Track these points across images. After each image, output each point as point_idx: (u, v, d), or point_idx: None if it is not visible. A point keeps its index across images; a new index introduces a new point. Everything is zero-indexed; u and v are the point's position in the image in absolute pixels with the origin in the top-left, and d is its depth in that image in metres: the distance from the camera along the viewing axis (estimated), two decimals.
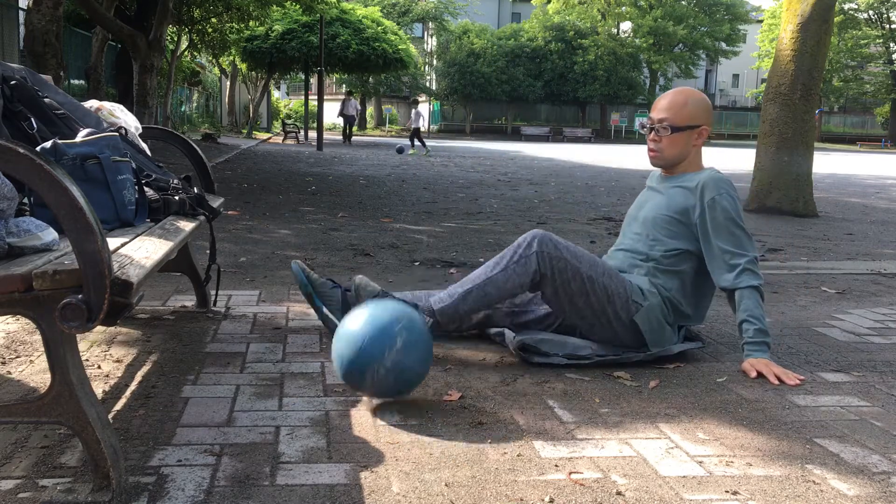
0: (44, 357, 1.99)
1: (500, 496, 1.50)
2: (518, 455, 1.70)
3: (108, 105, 2.73)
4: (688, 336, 2.57)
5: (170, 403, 1.94)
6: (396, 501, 1.47)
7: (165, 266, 2.72)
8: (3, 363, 2.23)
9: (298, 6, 16.96)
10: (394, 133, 42.51)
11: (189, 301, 3.03)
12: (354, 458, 1.65)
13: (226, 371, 2.22)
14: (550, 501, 1.49)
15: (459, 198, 8.25)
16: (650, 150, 2.54)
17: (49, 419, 1.41)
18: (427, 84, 45.93)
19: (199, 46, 20.88)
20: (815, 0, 7.01)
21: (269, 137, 28.03)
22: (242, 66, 29.19)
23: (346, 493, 1.49)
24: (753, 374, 2.29)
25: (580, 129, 42.41)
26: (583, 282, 2.34)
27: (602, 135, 44.08)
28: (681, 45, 45.13)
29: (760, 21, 47.39)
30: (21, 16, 10.92)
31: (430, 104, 45.97)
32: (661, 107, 2.50)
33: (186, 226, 2.22)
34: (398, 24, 33.56)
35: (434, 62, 45.19)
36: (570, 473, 1.61)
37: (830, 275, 4.19)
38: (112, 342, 2.48)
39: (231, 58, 27.01)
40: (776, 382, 2.24)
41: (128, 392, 2.03)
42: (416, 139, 21.17)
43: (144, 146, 2.70)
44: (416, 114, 22.10)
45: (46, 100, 2.36)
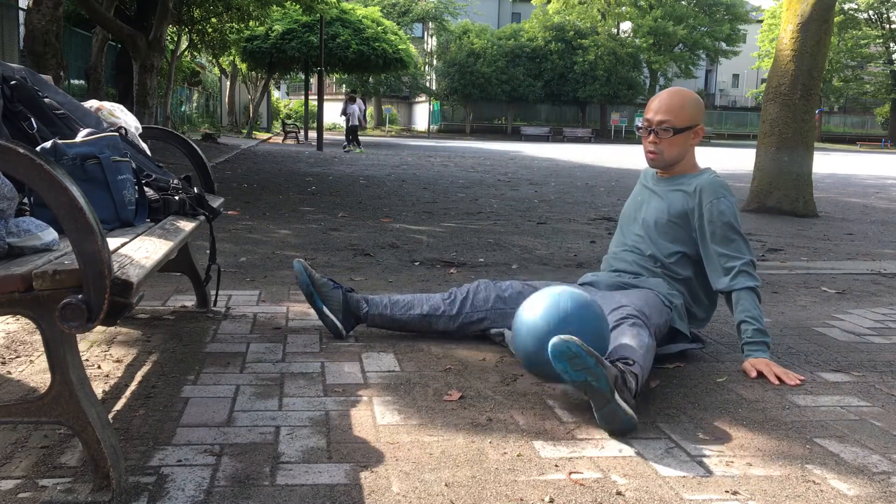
0: (44, 357, 1.99)
1: (500, 496, 1.50)
2: (518, 455, 1.70)
3: (108, 105, 2.73)
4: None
5: (170, 403, 1.94)
6: (396, 501, 1.47)
7: (165, 266, 2.72)
8: (3, 363, 2.23)
9: (298, 6, 16.97)
10: (394, 133, 42.51)
11: (189, 301, 3.03)
12: (354, 458, 1.65)
13: (226, 371, 2.22)
14: (550, 501, 1.49)
15: (459, 198, 8.25)
16: (649, 153, 2.53)
17: (49, 419, 1.41)
18: (427, 84, 45.93)
19: (199, 46, 20.88)
20: (815, 0, 7.02)
21: (269, 137, 28.04)
22: (242, 66, 29.21)
23: (346, 493, 1.49)
24: (753, 374, 2.29)
25: (580, 129, 42.41)
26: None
27: (602, 135, 44.08)
28: (681, 45, 45.14)
29: (760, 21, 47.39)
30: (21, 16, 10.92)
31: (431, 104, 45.96)
32: (660, 109, 2.48)
33: (186, 226, 2.22)
34: (398, 24, 33.57)
35: (434, 62, 45.20)
36: (570, 473, 1.61)
37: (830, 275, 4.19)
38: (112, 342, 2.48)
39: (231, 58, 27.02)
40: (776, 382, 2.24)
41: (128, 392, 2.03)
42: (352, 137, 19.78)
43: (144, 146, 2.70)
44: (353, 109, 19.99)
45: (46, 100, 2.36)
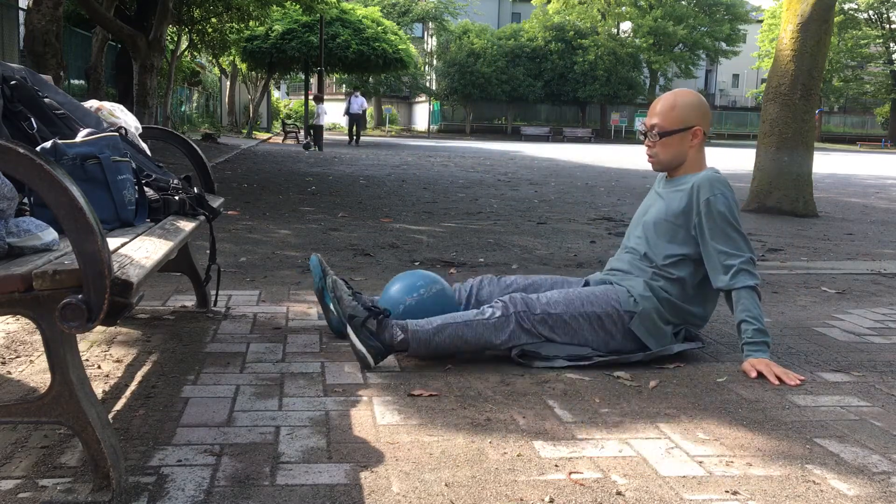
0: (44, 357, 1.99)
1: (500, 496, 1.50)
2: (518, 455, 1.70)
3: (108, 105, 2.73)
4: (688, 336, 2.56)
5: (170, 403, 1.94)
6: (396, 501, 1.47)
7: (165, 266, 2.72)
8: (3, 363, 2.24)
9: (298, 6, 16.98)
10: (394, 133, 42.50)
11: (189, 301, 3.03)
12: (354, 458, 1.65)
13: (226, 371, 2.22)
14: (550, 501, 1.49)
15: (459, 198, 8.25)
16: (647, 156, 2.56)
17: (49, 419, 1.41)
18: (427, 84, 45.92)
19: (199, 46, 20.88)
20: (815, 0, 7.02)
21: (269, 137, 28.03)
22: (242, 66, 29.21)
23: (346, 493, 1.49)
24: (753, 375, 2.29)
25: (580, 129, 42.36)
26: (565, 323, 2.37)
27: (602, 135, 44.06)
28: (681, 45, 45.12)
29: (760, 21, 47.38)
30: (21, 16, 10.92)
31: (431, 104, 45.95)
32: (651, 112, 2.54)
33: (186, 226, 2.22)
34: (398, 24, 33.56)
35: (434, 62, 45.18)
36: (570, 473, 1.61)
37: (830, 275, 4.19)
38: (112, 342, 2.48)
39: (231, 58, 27.01)
40: (776, 382, 2.24)
41: (128, 392, 2.03)
42: (316, 136, 20.25)
43: (144, 146, 2.70)
44: (321, 109, 21.02)
45: (46, 100, 2.36)
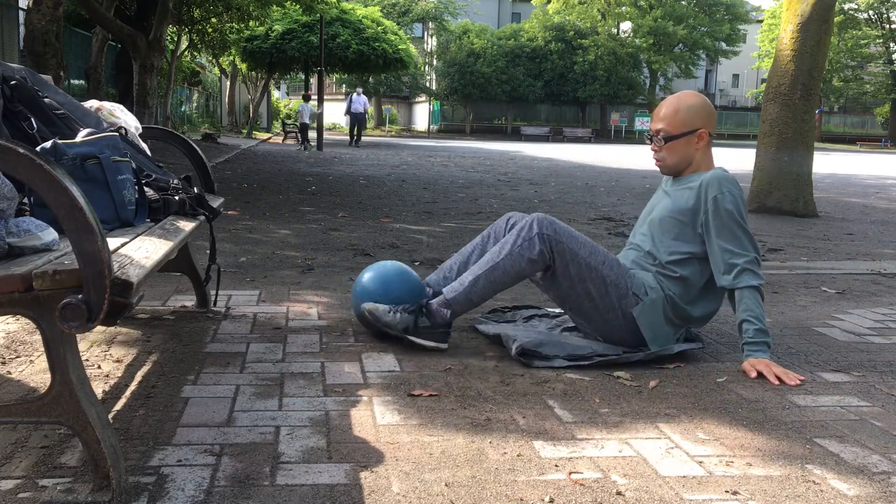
0: (44, 357, 1.99)
1: (500, 496, 1.50)
2: (518, 455, 1.70)
3: (108, 105, 2.73)
4: (688, 336, 2.57)
5: (170, 403, 1.94)
6: (396, 501, 1.47)
7: (165, 266, 2.72)
8: (3, 363, 2.24)
9: (298, 6, 16.95)
10: (394, 133, 42.50)
11: (189, 301, 3.03)
12: (354, 458, 1.65)
13: (226, 371, 2.22)
14: (550, 501, 1.49)
15: (459, 198, 8.25)
16: (655, 161, 2.56)
17: (49, 419, 1.41)
18: (427, 84, 45.91)
19: (199, 46, 20.86)
20: (815, 0, 7.02)
21: (269, 137, 28.02)
22: (242, 66, 29.18)
23: (346, 493, 1.49)
24: (753, 375, 2.29)
25: (580, 129, 42.32)
26: (580, 267, 2.38)
27: (602, 135, 44.04)
28: (681, 45, 45.08)
29: (760, 21, 47.36)
30: (21, 16, 10.92)
31: (431, 104, 45.94)
32: (655, 117, 2.55)
33: (186, 226, 2.22)
34: (398, 24, 33.52)
35: (434, 62, 45.16)
36: (570, 473, 1.61)
37: (830, 275, 4.19)
38: (112, 342, 2.48)
39: (231, 58, 26.99)
40: (776, 382, 2.24)
41: (128, 392, 2.03)
42: (302, 135, 20.70)
43: (144, 146, 2.70)
44: (303, 108, 21.34)
45: (46, 100, 2.36)
